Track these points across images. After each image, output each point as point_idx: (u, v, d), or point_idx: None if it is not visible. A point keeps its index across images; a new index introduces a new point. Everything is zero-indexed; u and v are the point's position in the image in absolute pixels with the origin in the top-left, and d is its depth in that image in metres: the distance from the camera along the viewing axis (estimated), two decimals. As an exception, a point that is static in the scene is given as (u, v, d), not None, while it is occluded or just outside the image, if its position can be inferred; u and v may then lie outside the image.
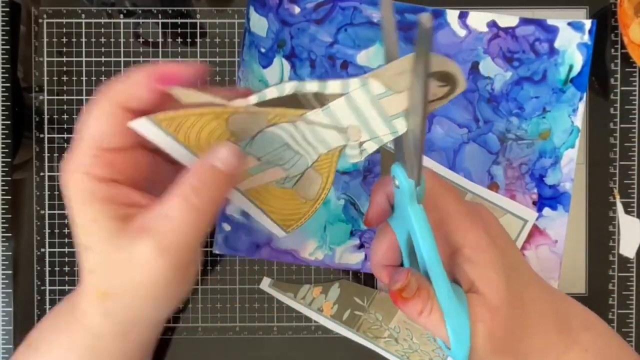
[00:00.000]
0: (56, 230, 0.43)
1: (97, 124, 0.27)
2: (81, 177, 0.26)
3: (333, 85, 0.27)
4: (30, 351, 0.31)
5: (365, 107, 0.27)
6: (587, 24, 0.41)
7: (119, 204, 0.27)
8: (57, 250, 0.43)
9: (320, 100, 0.28)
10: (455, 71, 0.27)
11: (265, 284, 0.43)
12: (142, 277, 0.26)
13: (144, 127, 0.27)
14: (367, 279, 0.43)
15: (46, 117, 0.43)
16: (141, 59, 0.43)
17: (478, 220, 0.30)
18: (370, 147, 0.29)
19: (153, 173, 0.30)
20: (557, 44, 0.42)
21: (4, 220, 0.43)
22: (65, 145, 0.43)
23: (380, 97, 0.27)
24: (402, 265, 0.32)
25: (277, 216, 0.32)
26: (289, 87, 0.27)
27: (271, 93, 0.27)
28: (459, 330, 0.28)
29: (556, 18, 0.42)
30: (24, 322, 0.43)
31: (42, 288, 0.43)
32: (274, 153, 0.29)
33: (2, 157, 0.43)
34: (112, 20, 0.43)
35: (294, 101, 0.28)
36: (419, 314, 0.28)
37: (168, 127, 0.27)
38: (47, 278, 0.43)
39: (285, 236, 0.33)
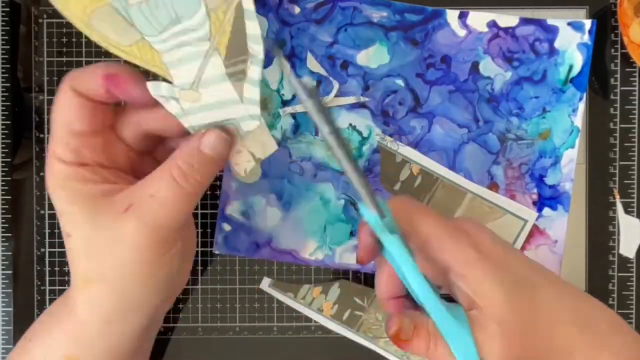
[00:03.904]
0: (56, 230, 0.43)
1: (62, 111, 0.28)
2: (53, 163, 0.27)
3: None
4: (25, 343, 0.32)
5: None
6: (587, 24, 0.41)
7: (94, 182, 0.27)
8: (57, 250, 0.43)
9: None
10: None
11: (265, 284, 0.43)
12: (127, 254, 0.27)
13: None
14: (367, 279, 0.43)
15: (46, 117, 0.43)
16: (141, 59, 0.43)
17: (462, 237, 0.29)
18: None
19: (128, 162, 0.30)
20: (557, 44, 0.42)
21: (4, 220, 0.43)
22: (65, 145, 0.43)
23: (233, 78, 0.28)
24: (408, 294, 0.32)
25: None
26: None
27: None
28: (466, 354, 0.27)
29: (556, 18, 0.42)
30: (24, 322, 0.43)
31: (42, 288, 0.43)
32: None
33: (2, 157, 0.43)
34: (112, 20, 0.43)
35: None
36: (425, 352, 0.28)
37: None
38: (47, 278, 0.43)
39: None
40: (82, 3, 0.26)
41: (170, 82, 0.28)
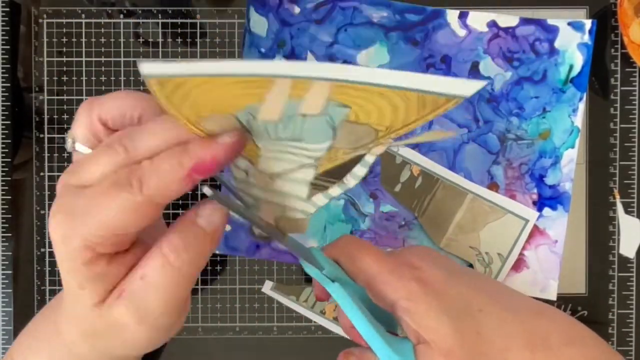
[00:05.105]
0: (56, 231, 0.43)
1: (119, 215, 0.23)
2: (80, 247, 0.23)
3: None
4: None
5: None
6: (587, 24, 0.41)
7: (111, 283, 0.25)
8: (57, 250, 0.43)
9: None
10: None
11: (267, 287, 0.43)
12: (121, 340, 0.25)
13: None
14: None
15: (46, 117, 0.43)
16: (141, 59, 0.43)
17: (405, 271, 0.29)
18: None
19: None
20: (557, 44, 0.42)
21: (4, 220, 0.43)
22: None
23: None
24: None
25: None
26: None
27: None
28: None
29: (556, 18, 0.42)
30: (24, 322, 0.43)
31: (42, 288, 0.43)
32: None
33: (2, 157, 0.43)
34: (112, 20, 0.43)
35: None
36: None
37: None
38: (47, 278, 0.43)
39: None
40: (196, 109, 0.23)
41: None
